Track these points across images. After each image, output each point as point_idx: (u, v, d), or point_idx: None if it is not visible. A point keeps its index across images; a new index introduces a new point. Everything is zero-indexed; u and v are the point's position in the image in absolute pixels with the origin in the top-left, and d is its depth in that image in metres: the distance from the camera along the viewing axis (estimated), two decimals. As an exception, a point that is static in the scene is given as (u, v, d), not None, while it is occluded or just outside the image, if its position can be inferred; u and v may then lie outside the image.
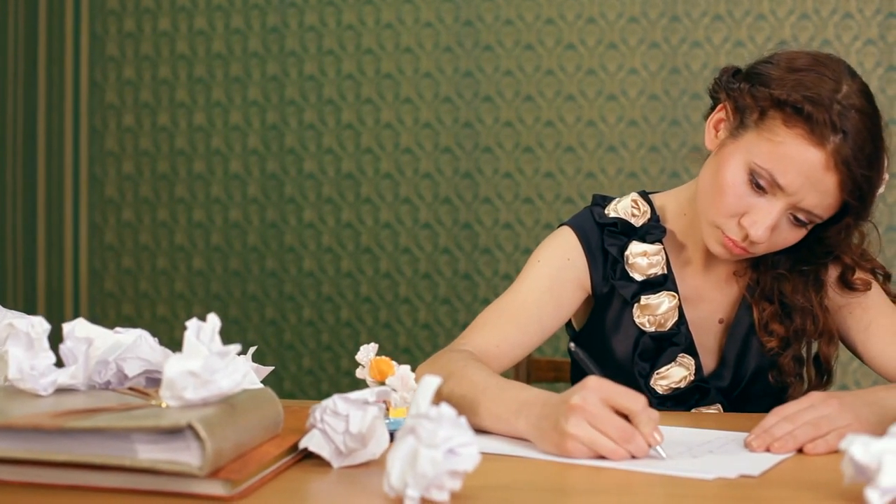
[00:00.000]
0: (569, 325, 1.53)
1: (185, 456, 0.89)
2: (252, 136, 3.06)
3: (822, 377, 1.46)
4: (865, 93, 1.32)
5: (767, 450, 1.10)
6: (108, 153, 3.15)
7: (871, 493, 0.88)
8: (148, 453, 0.90)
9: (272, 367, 1.29)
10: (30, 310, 3.10)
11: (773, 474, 1.01)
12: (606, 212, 1.47)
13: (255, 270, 3.07)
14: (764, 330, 1.42)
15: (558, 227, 1.50)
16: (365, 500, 0.92)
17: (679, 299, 1.44)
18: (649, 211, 1.47)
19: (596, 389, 1.05)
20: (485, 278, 2.94)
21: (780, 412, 1.13)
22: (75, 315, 3.15)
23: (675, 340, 1.43)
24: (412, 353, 2.95)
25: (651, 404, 1.08)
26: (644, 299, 1.43)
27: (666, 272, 1.44)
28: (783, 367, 1.42)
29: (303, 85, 3.03)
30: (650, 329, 1.43)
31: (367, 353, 1.17)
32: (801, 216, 1.33)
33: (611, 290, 1.45)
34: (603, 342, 1.46)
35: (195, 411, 0.91)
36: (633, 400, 1.05)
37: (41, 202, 3.17)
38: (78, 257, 3.17)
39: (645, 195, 1.50)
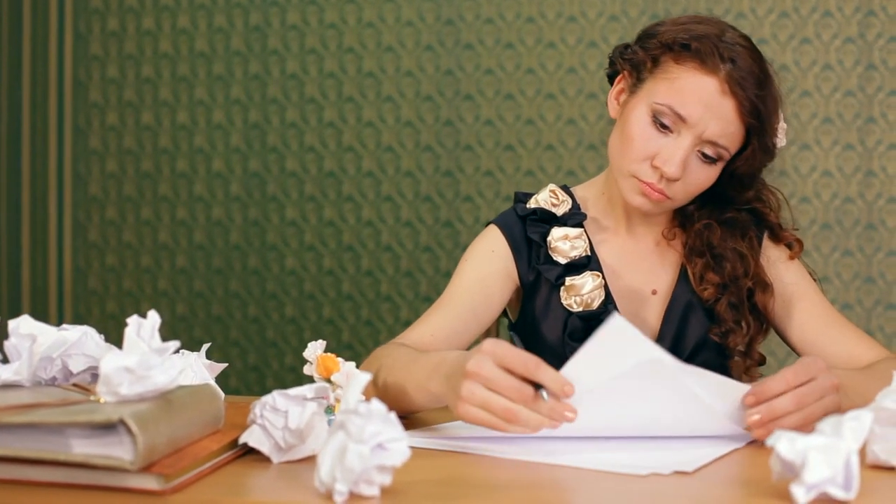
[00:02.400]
0: (507, 318, 1.57)
1: (118, 450, 0.90)
2: (235, 134, 3.08)
3: (761, 325, 1.48)
4: (747, 38, 1.42)
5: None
6: (91, 152, 3.16)
7: (797, 490, 0.88)
8: (82, 448, 0.91)
9: (225, 364, 1.30)
10: (14, 307, 3.12)
11: (708, 470, 1.02)
12: (527, 205, 1.51)
13: (237, 268, 3.08)
14: (699, 282, 1.46)
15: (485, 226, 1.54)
16: (299, 494, 0.93)
17: (604, 278, 1.46)
18: (570, 201, 1.52)
19: (490, 353, 1.06)
20: (466, 276, 2.95)
21: (783, 382, 1.11)
22: (60, 313, 3.16)
23: (603, 319, 1.45)
24: (394, 351, 2.96)
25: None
26: (569, 280, 1.46)
27: (589, 254, 1.47)
28: (720, 315, 1.45)
29: (285, 83, 3.04)
30: (577, 309, 1.46)
31: (314, 349, 1.19)
32: (708, 151, 1.39)
33: (537, 278, 1.49)
34: (535, 328, 1.49)
35: (129, 407, 0.92)
36: (527, 362, 1.04)
37: (25, 200, 3.18)
38: (62, 255, 3.18)
39: (565, 188, 1.55)
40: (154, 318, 0.98)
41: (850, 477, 0.89)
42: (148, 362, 0.94)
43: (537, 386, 1.05)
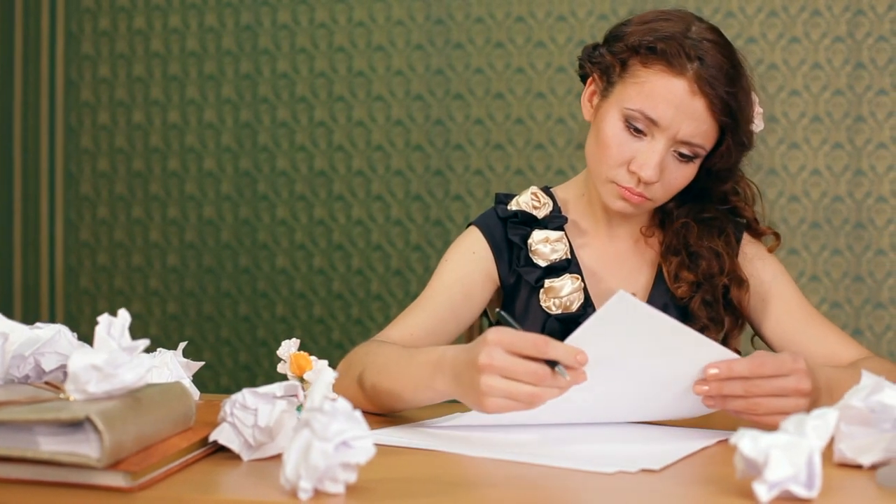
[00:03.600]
0: (488, 319, 1.57)
1: (85, 448, 0.91)
2: (225, 133, 3.08)
3: (737, 321, 1.48)
4: (714, 30, 1.41)
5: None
6: (83, 151, 3.17)
7: (759, 488, 0.89)
8: (49, 445, 0.92)
9: (203, 363, 1.31)
10: (6, 306, 3.12)
11: (674, 468, 1.02)
12: (509, 207, 1.51)
13: (228, 267, 3.09)
14: (674, 280, 1.46)
15: (466, 227, 1.54)
16: (267, 492, 0.93)
17: (583, 281, 1.46)
18: (551, 203, 1.52)
19: (498, 342, 1.07)
20: (456, 275, 2.95)
21: (750, 369, 1.13)
22: (52, 312, 3.17)
23: (582, 322, 1.46)
24: (384, 350, 2.96)
25: None
26: (548, 283, 1.46)
27: (569, 257, 1.47)
28: (694, 313, 1.45)
29: (276, 83, 3.05)
30: (556, 312, 1.46)
31: (287, 348, 1.19)
32: (684, 150, 1.39)
33: (518, 280, 1.49)
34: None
35: (97, 404, 0.93)
36: (536, 343, 1.06)
37: (17, 199, 3.19)
38: (54, 254, 3.19)
39: (546, 189, 1.55)
40: (124, 316, 0.99)
41: (813, 475, 0.89)
42: (116, 360, 0.95)
43: (550, 362, 1.06)
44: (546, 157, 2.90)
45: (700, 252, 1.46)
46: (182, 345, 1.29)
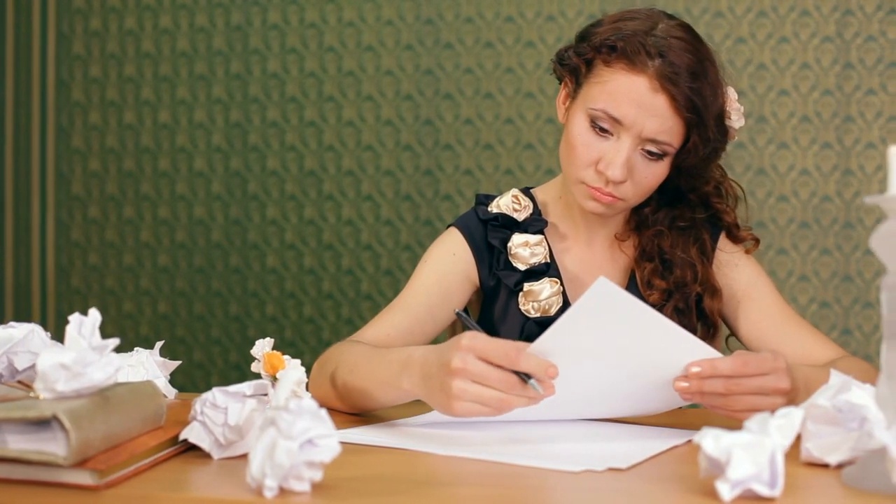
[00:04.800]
0: None
1: (52, 446, 0.91)
2: (216, 133, 3.09)
3: (709, 329, 1.49)
4: (684, 26, 1.40)
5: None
6: (74, 151, 3.18)
7: (722, 486, 0.89)
8: (18, 444, 0.92)
9: (179, 362, 1.32)
10: (-3, 306, 3.13)
11: (641, 467, 1.03)
12: (489, 209, 1.51)
13: (219, 267, 3.09)
14: (646, 286, 1.46)
15: (446, 228, 1.54)
16: (233, 490, 0.94)
17: (562, 285, 1.47)
18: (531, 205, 1.52)
19: (471, 348, 1.07)
20: (446, 275, 2.95)
21: (732, 368, 1.13)
22: (43, 312, 3.17)
23: None
24: (374, 349, 2.97)
25: None
26: (527, 286, 1.46)
27: (548, 261, 1.48)
28: None
29: (266, 83, 3.05)
30: (535, 315, 1.46)
31: (261, 347, 1.20)
32: (651, 148, 1.39)
33: (497, 282, 1.49)
34: (494, 332, 1.49)
35: (65, 403, 0.93)
36: (508, 354, 1.06)
37: (9, 199, 3.20)
38: (45, 254, 3.19)
39: (526, 191, 1.55)
40: (94, 315, 0.99)
41: (776, 474, 0.90)
42: (85, 359, 0.95)
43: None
44: (535, 156, 2.90)
45: (674, 260, 1.46)
46: (159, 344, 1.29)
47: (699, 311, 1.47)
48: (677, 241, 1.47)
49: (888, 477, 0.91)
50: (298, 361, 1.16)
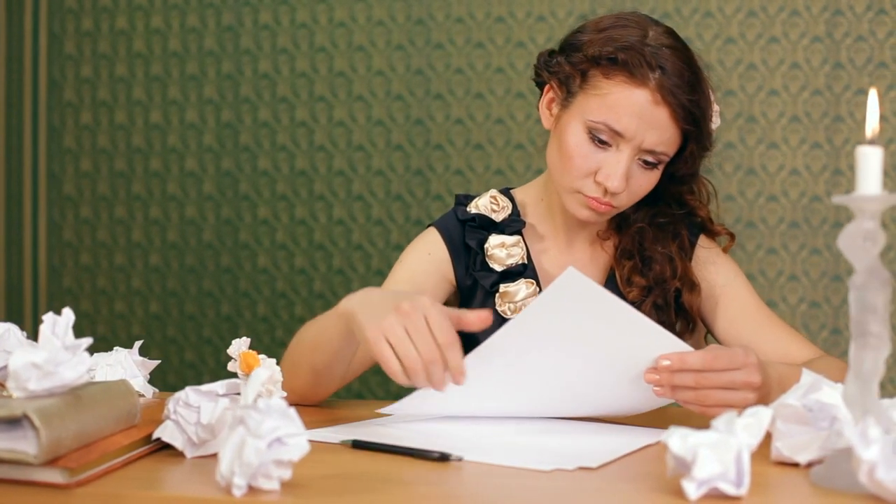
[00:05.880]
0: None
1: (23, 445, 0.92)
2: (207, 133, 3.09)
3: (688, 325, 1.49)
4: (671, 33, 1.41)
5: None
6: (66, 151, 3.18)
7: (688, 485, 0.90)
8: (-12, 443, 0.93)
9: (158, 361, 1.32)
10: (-11, 306, 3.14)
11: (611, 466, 1.03)
12: (468, 209, 1.51)
13: (210, 267, 3.10)
14: (626, 284, 1.47)
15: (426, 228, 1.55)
16: (203, 488, 0.94)
17: (538, 286, 1.47)
18: (510, 206, 1.52)
19: (423, 308, 1.07)
20: (437, 275, 2.96)
21: (703, 362, 1.14)
22: (35, 311, 3.18)
23: None
24: (365, 349, 2.97)
25: None
26: (503, 287, 1.47)
27: (525, 262, 1.48)
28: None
29: (257, 83, 3.06)
30: (511, 316, 1.46)
31: (238, 346, 1.20)
32: (648, 158, 1.40)
33: (474, 283, 1.49)
34: (471, 333, 1.49)
35: (36, 402, 0.94)
36: (446, 335, 1.07)
37: (0, 199, 3.20)
38: (37, 254, 3.20)
39: (505, 191, 1.55)
40: (68, 315, 1.00)
41: (742, 473, 0.90)
42: (56, 358, 0.96)
43: None
44: (526, 156, 2.91)
45: (653, 256, 1.47)
46: (138, 343, 1.30)
47: (678, 306, 1.48)
48: (657, 236, 1.48)
49: (855, 476, 0.91)
50: (274, 361, 1.16)
